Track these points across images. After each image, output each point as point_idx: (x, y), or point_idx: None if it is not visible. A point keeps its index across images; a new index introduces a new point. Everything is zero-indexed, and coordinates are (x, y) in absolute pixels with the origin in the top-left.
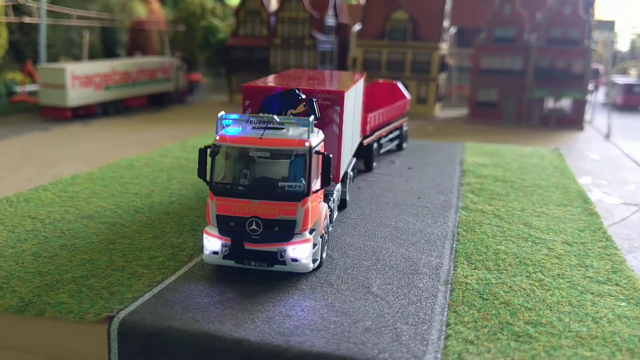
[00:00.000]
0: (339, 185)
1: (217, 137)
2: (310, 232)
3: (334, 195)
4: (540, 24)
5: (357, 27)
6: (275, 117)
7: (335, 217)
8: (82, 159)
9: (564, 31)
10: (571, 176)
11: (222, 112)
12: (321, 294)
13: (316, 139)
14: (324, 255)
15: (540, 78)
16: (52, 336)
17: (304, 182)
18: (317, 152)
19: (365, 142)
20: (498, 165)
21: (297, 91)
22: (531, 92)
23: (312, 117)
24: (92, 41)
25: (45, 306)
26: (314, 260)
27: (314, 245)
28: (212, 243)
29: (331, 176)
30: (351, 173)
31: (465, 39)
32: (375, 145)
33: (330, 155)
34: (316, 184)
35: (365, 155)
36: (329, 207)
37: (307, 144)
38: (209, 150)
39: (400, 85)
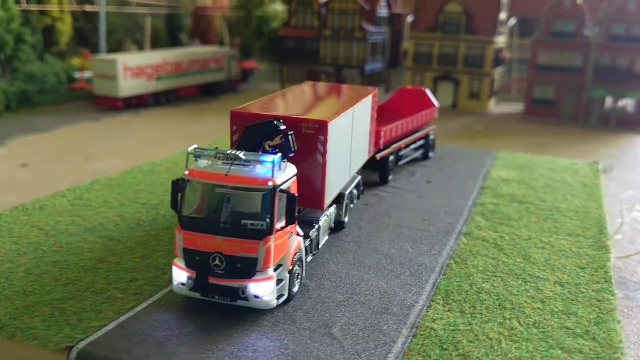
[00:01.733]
0: (332, 209)
1: (186, 172)
2: (277, 268)
3: (321, 222)
4: (601, 19)
5: (410, 18)
6: (241, 154)
7: (323, 242)
8: (123, 154)
9: (627, 27)
10: (598, 198)
11: (194, 146)
12: (279, 333)
13: (283, 176)
14: (295, 289)
15: (600, 76)
16: None
17: (267, 220)
18: (282, 191)
19: (379, 156)
20: (523, 182)
21: (275, 122)
22: (590, 90)
23: (277, 156)
24: (157, 27)
25: (16, 330)
26: (280, 296)
27: (280, 281)
28: (179, 275)
29: (296, 215)
30: (355, 191)
31: (528, 29)
32: (391, 157)
33: (296, 195)
34: (281, 222)
35: (379, 169)
36: (310, 236)
37: (270, 182)
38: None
39: (428, 92)
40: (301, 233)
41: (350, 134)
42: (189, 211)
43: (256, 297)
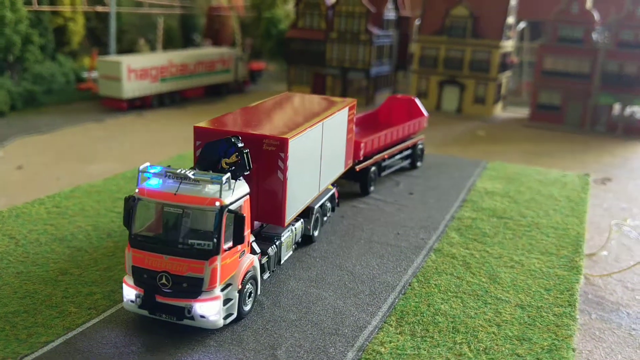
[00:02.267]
0: (298, 224)
1: (137, 190)
2: (226, 287)
3: (283, 238)
4: (610, 25)
5: (418, 21)
6: (190, 173)
7: (286, 258)
8: (119, 157)
9: (636, 34)
10: (581, 213)
11: (147, 164)
12: (224, 354)
13: (233, 196)
14: (247, 307)
15: (608, 83)
16: None
17: (213, 240)
18: (230, 211)
19: (358, 167)
20: (507, 195)
21: (232, 140)
22: (597, 97)
23: (226, 176)
24: (171, 27)
25: None
26: (229, 315)
27: (228, 300)
28: (129, 292)
29: (245, 234)
30: (328, 204)
31: (538, 33)
32: (373, 168)
33: (244, 215)
34: (229, 242)
35: (360, 180)
36: (268, 253)
37: (217, 203)
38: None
39: (417, 101)
40: (257, 250)
41: (320, 148)
42: (139, 229)
43: (202, 316)
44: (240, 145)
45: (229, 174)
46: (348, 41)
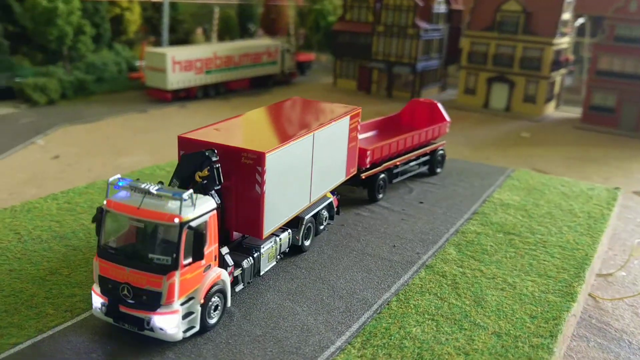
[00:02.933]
0: (284, 234)
1: (105, 202)
2: (188, 301)
3: (263, 250)
4: None
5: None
6: (153, 188)
7: (267, 269)
8: (153, 149)
9: None
10: (598, 233)
11: (117, 176)
12: None
13: (194, 212)
14: (213, 320)
15: None
16: None
17: (172, 256)
18: (190, 228)
19: (364, 175)
20: (523, 208)
21: (206, 153)
22: None
23: (188, 192)
24: (229, 16)
25: None
26: (190, 328)
27: (190, 313)
28: (96, 300)
29: (205, 251)
30: (325, 213)
31: (600, 28)
32: (382, 176)
33: (204, 233)
34: (189, 258)
35: (368, 187)
36: (242, 266)
37: (176, 219)
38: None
39: (440, 106)
40: (230, 262)
41: (310, 159)
42: (107, 240)
43: (161, 329)
44: (214, 158)
45: (191, 191)
46: (395, 35)
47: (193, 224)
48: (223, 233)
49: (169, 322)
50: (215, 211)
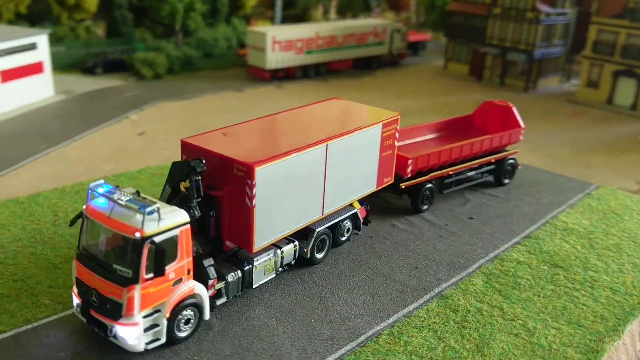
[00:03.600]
0: (288, 247)
1: (84, 207)
2: (153, 314)
3: (257, 263)
4: None
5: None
6: (123, 199)
7: (262, 282)
8: None
9: None
10: None
11: (100, 181)
12: None
13: (159, 227)
14: (184, 334)
15: None
16: None
17: (132, 269)
18: (152, 243)
19: (404, 184)
20: (588, 236)
21: (191, 164)
22: None
23: (154, 206)
24: None
25: None
26: (156, 340)
27: (155, 325)
28: (74, 299)
29: (165, 267)
30: (348, 224)
31: None
32: (429, 185)
33: (165, 249)
34: (151, 273)
35: (410, 197)
36: (226, 279)
37: (137, 234)
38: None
39: (515, 111)
40: (212, 275)
41: (323, 169)
42: (85, 244)
43: (122, 339)
44: (198, 169)
45: (157, 204)
46: (512, 18)
47: (157, 238)
48: (216, 242)
49: (129, 334)
50: (187, 225)
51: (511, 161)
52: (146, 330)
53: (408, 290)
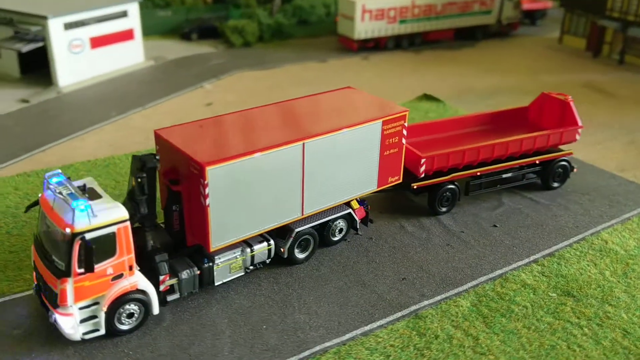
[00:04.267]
0: (259, 245)
1: (39, 195)
2: (91, 305)
3: (219, 261)
4: None
5: None
6: (62, 192)
7: (226, 280)
8: None
9: None
10: None
11: (57, 171)
12: None
13: (91, 224)
14: (126, 327)
15: None
16: None
17: (64, 262)
18: (82, 239)
19: (416, 184)
20: (623, 261)
21: (142, 159)
22: None
23: (81, 202)
24: None
25: None
26: (94, 331)
27: (94, 317)
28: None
29: (94, 264)
30: (341, 223)
31: None
32: (451, 186)
33: (92, 246)
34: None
35: (429, 197)
36: (179, 276)
37: (68, 229)
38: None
39: (572, 106)
40: (163, 271)
41: (300, 169)
42: (39, 231)
43: (61, 326)
44: (150, 165)
45: (86, 200)
46: None
47: (88, 235)
48: (180, 237)
49: (65, 323)
50: (126, 222)
51: (562, 163)
52: (84, 320)
53: (381, 305)
